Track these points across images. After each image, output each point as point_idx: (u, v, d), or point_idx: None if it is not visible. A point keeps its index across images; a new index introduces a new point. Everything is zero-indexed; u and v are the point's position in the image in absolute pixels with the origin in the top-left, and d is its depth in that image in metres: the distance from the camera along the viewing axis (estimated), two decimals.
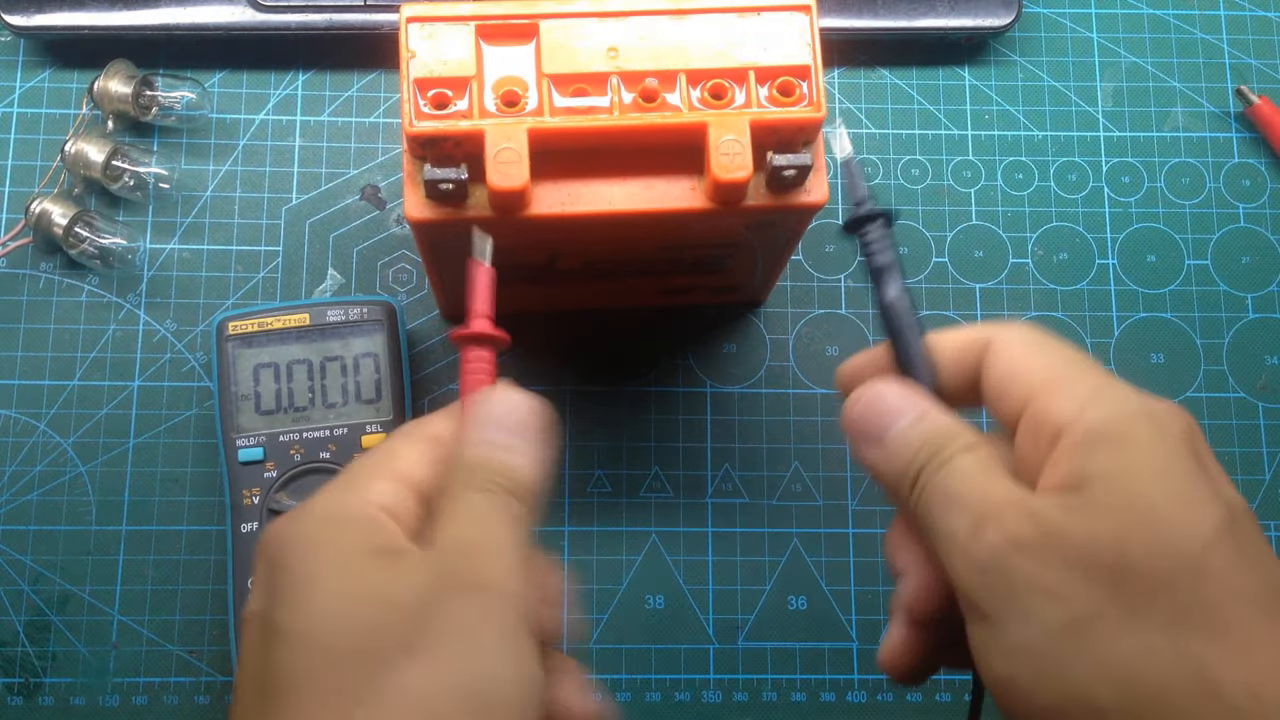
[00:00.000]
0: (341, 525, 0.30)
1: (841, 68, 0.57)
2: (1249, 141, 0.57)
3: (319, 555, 0.29)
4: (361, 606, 0.28)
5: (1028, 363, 0.32)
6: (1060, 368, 0.32)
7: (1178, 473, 0.29)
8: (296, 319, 0.48)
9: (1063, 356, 0.32)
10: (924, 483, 0.32)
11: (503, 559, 0.30)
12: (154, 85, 0.53)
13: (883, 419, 0.33)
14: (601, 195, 0.38)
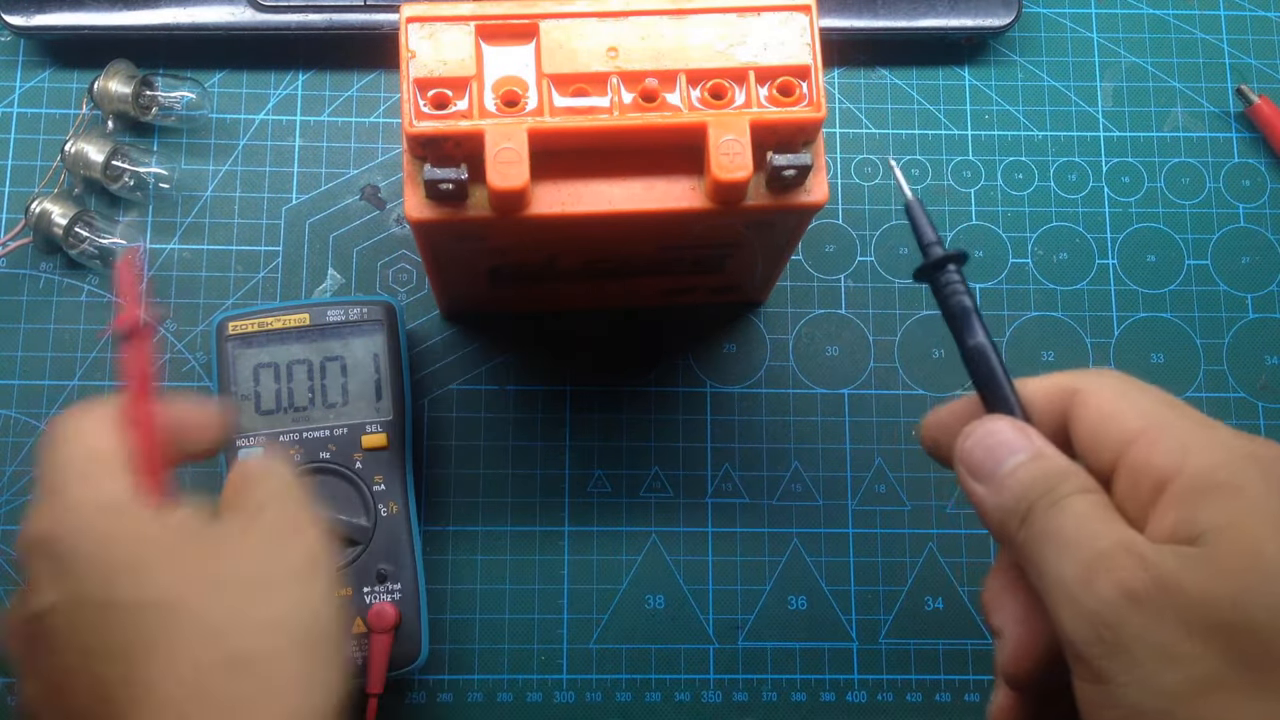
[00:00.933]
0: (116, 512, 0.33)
1: (841, 68, 0.57)
2: (1249, 141, 0.57)
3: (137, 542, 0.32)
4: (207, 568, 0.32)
5: (1120, 410, 0.31)
6: (1155, 413, 0.31)
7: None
8: (296, 319, 0.48)
9: (1156, 401, 0.31)
10: (1033, 522, 0.31)
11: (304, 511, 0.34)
12: (154, 85, 0.53)
13: (995, 454, 0.32)
14: (601, 195, 0.38)
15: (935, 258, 0.35)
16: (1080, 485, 0.31)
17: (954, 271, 0.35)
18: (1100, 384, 0.32)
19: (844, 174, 0.55)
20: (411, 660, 0.46)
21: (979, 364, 0.34)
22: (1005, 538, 0.32)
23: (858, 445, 0.53)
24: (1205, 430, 0.30)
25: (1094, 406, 0.32)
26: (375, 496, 0.47)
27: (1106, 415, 0.32)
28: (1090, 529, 0.30)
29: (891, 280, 0.54)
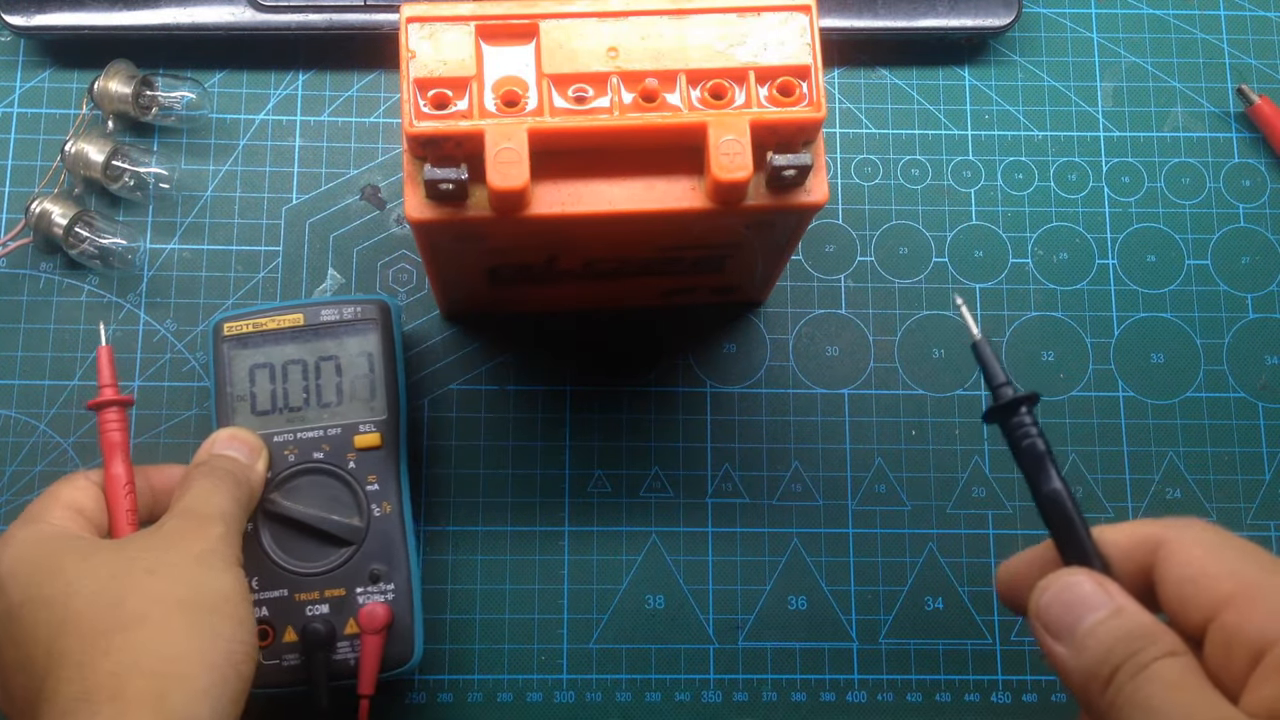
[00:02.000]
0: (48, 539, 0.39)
1: (841, 68, 0.57)
2: (1249, 141, 0.57)
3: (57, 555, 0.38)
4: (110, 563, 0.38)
5: (1210, 569, 0.30)
6: (1249, 574, 0.30)
7: None
8: (291, 319, 0.48)
9: (1249, 560, 0.30)
10: (1119, 687, 0.29)
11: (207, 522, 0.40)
12: (154, 85, 0.53)
13: (1074, 611, 0.31)
14: (601, 195, 0.38)
15: (1006, 399, 0.34)
16: (1168, 648, 0.29)
17: (1026, 414, 0.33)
18: (1188, 537, 0.31)
19: (844, 174, 0.55)
20: (404, 661, 0.46)
21: (1055, 511, 0.33)
22: (1088, 702, 0.31)
23: (858, 445, 0.53)
24: None
25: (1182, 563, 0.31)
26: (368, 496, 0.47)
27: (1196, 574, 0.30)
28: (1182, 701, 0.28)
29: (891, 280, 0.54)
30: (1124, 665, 0.29)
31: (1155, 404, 0.54)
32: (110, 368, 0.44)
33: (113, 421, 0.44)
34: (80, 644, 0.35)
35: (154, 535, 0.39)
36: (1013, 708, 0.50)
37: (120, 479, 0.43)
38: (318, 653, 0.45)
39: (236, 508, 0.42)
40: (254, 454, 0.46)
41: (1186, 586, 0.31)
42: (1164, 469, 0.53)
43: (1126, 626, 0.30)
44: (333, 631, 0.45)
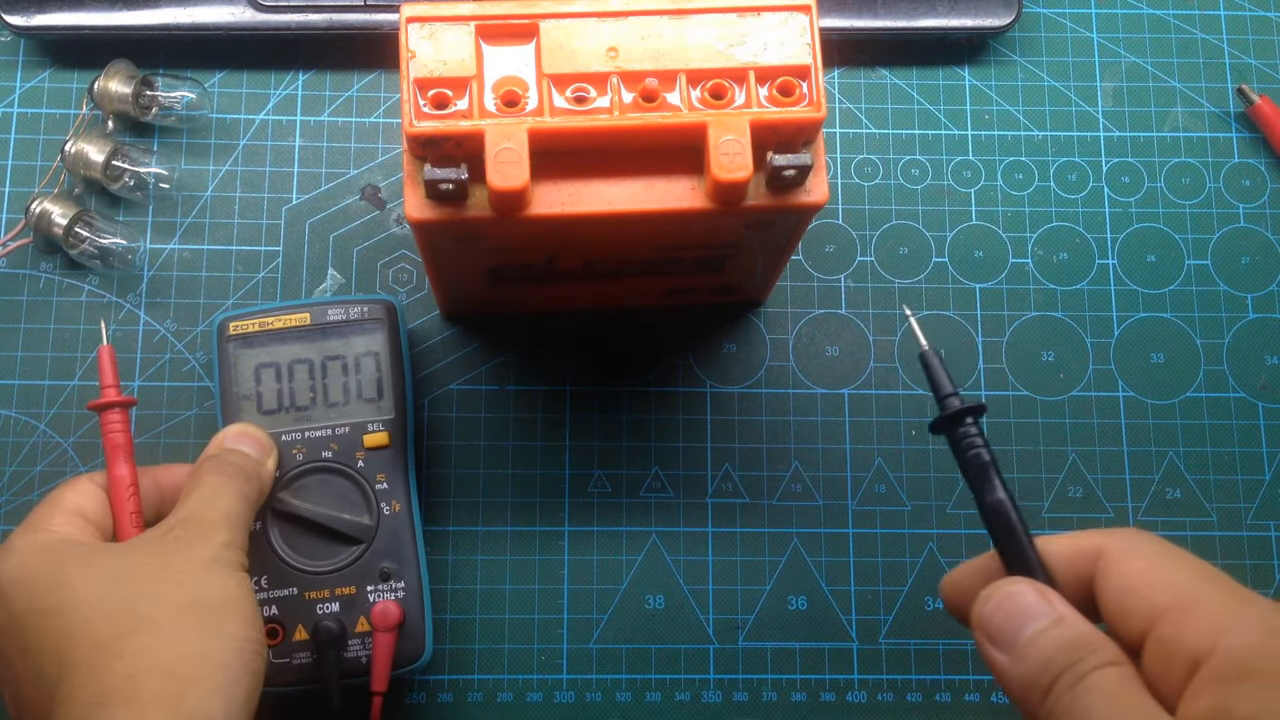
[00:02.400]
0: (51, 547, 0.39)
1: (841, 68, 0.57)
2: (1249, 141, 0.57)
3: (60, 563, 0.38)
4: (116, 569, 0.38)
5: (1150, 580, 0.30)
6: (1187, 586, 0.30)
7: None
8: (297, 318, 0.48)
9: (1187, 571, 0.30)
10: (1058, 696, 0.30)
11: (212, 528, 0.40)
12: (154, 85, 0.53)
13: (1016, 621, 0.31)
14: (601, 195, 0.38)
15: (952, 410, 0.34)
16: (1107, 658, 0.30)
17: (972, 424, 0.34)
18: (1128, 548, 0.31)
19: (844, 174, 0.55)
20: (415, 659, 0.46)
21: (998, 522, 0.33)
22: (1028, 711, 0.31)
23: (858, 445, 0.53)
24: (1241, 607, 0.29)
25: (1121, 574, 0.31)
26: (378, 495, 0.47)
27: (1136, 585, 0.31)
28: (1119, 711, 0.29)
29: (891, 280, 0.54)
30: (1063, 675, 0.30)
31: (1155, 404, 0.54)
32: (112, 368, 0.44)
33: (115, 423, 0.43)
34: (91, 650, 0.35)
35: (161, 540, 0.39)
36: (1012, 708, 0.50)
37: (124, 481, 0.43)
38: (330, 651, 0.45)
39: (245, 506, 0.42)
40: (264, 451, 0.46)
41: (1126, 597, 0.31)
42: (1164, 469, 0.53)
43: (1067, 636, 0.30)
44: (344, 629, 0.45)
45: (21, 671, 0.37)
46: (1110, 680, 0.29)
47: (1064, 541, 0.33)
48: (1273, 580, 0.52)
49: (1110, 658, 0.30)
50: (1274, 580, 0.52)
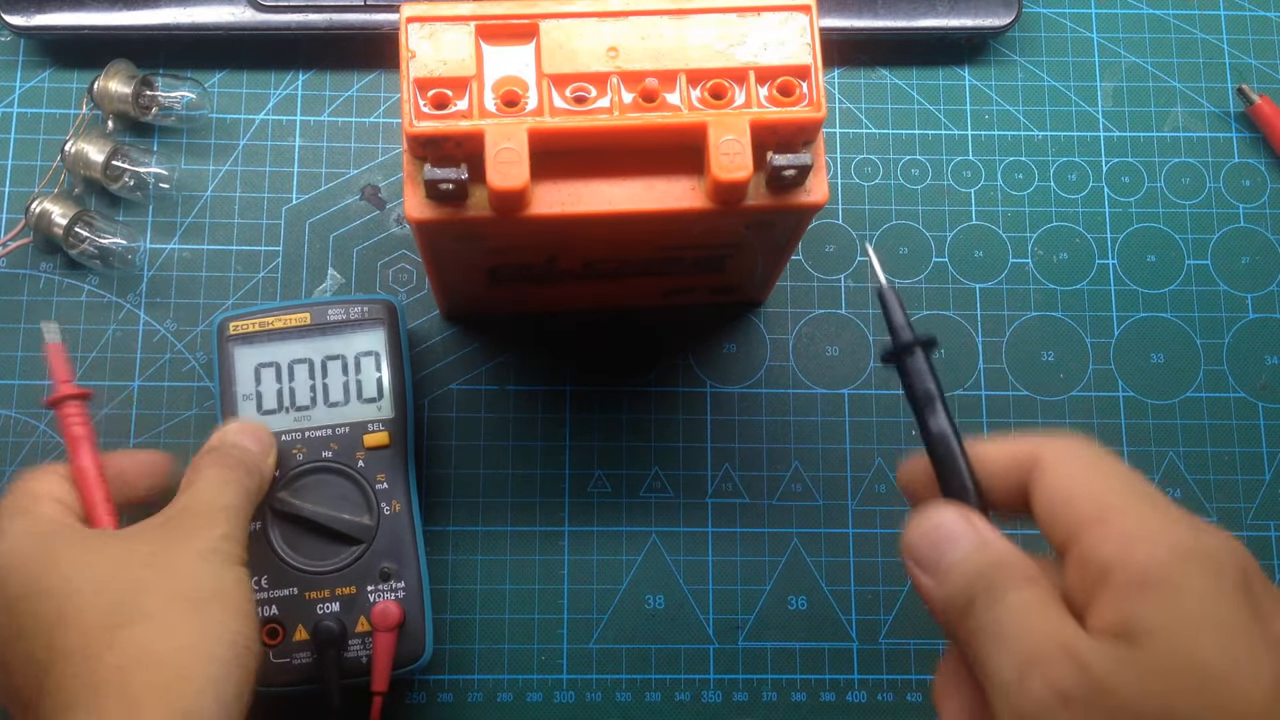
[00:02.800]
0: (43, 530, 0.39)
1: (841, 68, 0.57)
2: (1249, 141, 0.57)
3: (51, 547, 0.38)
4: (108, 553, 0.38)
5: (1076, 490, 0.31)
6: (1110, 498, 0.30)
7: (1231, 626, 0.28)
8: (297, 318, 0.48)
9: (1113, 482, 0.31)
10: (975, 616, 0.31)
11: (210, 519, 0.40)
12: (154, 85, 0.53)
13: (940, 547, 0.32)
14: (601, 195, 0.38)
15: (903, 342, 0.35)
16: (1021, 577, 0.31)
17: (922, 357, 0.35)
18: (1061, 456, 0.32)
19: (844, 174, 0.55)
20: (416, 659, 0.46)
21: (940, 449, 0.34)
22: (950, 632, 0.32)
23: (858, 445, 0.53)
24: (1156, 520, 0.30)
25: (1051, 484, 0.32)
26: (378, 495, 0.47)
27: (1063, 494, 0.31)
28: (1028, 625, 0.29)
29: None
30: (980, 595, 0.31)
31: (1155, 404, 0.54)
32: (63, 364, 0.44)
33: (74, 415, 0.43)
34: (83, 638, 0.35)
35: (158, 530, 0.39)
36: None
37: (89, 471, 0.42)
38: (330, 651, 0.45)
39: (245, 500, 0.42)
40: (265, 446, 0.46)
41: (1055, 507, 0.31)
42: (1164, 469, 0.53)
43: (987, 558, 0.31)
44: (344, 629, 0.45)
45: (11, 658, 0.37)
46: (1022, 597, 0.30)
47: (1003, 447, 0.34)
48: (1273, 580, 0.52)
49: (1026, 577, 0.31)
50: (1274, 580, 0.52)
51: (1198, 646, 0.28)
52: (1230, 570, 0.29)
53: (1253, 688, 0.27)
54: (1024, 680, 0.29)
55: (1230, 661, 0.27)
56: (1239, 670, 0.27)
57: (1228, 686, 0.27)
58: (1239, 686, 0.27)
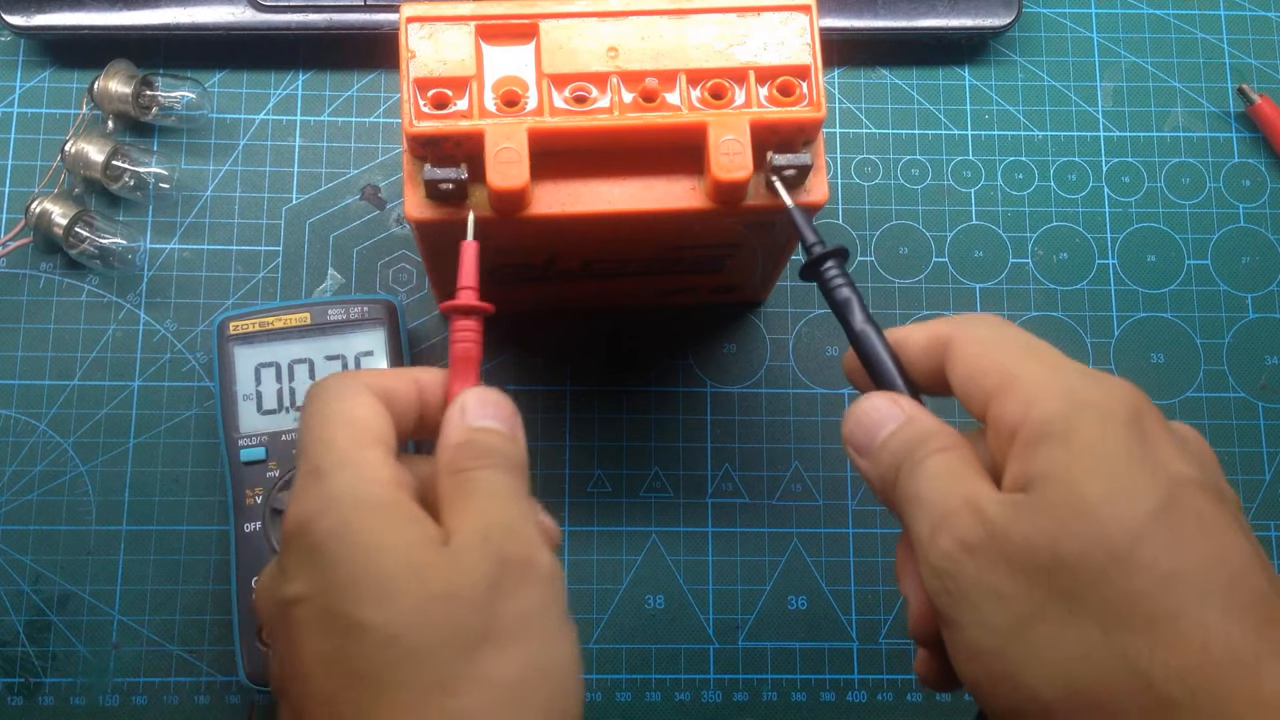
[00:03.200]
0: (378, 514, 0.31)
1: (841, 68, 0.57)
2: (1249, 141, 0.57)
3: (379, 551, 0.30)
4: (439, 605, 0.30)
5: (983, 364, 0.33)
6: (1013, 364, 0.32)
7: (1115, 462, 0.29)
8: (297, 318, 0.48)
9: (1014, 350, 0.32)
10: (900, 484, 0.32)
11: (535, 538, 0.32)
12: (154, 85, 0.53)
13: (872, 430, 0.34)
14: (601, 195, 0.38)
15: (816, 255, 0.37)
16: (940, 445, 0.32)
17: (833, 266, 0.36)
18: (970, 335, 0.33)
19: (844, 174, 0.55)
20: None
21: (865, 347, 0.36)
22: (886, 504, 0.33)
23: None
24: (1052, 377, 0.31)
25: (962, 361, 0.33)
26: None
27: (973, 370, 0.33)
28: (940, 486, 0.31)
29: (891, 280, 0.54)
30: (903, 465, 0.32)
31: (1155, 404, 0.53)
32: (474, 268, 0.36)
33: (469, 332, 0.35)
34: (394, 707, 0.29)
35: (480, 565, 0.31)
36: None
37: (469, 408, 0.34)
38: None
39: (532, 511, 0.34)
40: (515, 422, 0.35)
41: (968, 382, 0.33)
42: None
43: (911, 432, 0.33)
44: None
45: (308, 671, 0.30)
46: (939, 462, 0.32)
47: (919, 332, 0.35)
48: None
49: (942, 445, 0.32)
50: None
51: (1082, 484, 0.29)
52: (1120, 411, 0.30)
53: (1130, 516, 0.28)
54: (934, 535, 0.31)
55: (1110, 494, 0.29)
56: (1118, 502, 0.29)
57: (1107, 517, 0.28)
58: (1117, 515, 0.28)
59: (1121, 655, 0.28)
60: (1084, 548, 0.28)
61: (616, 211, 0.38)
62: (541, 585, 0.32)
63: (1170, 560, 0.28)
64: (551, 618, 0.32)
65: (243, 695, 0.49)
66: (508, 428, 0.34)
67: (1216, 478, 0.31)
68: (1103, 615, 0.28)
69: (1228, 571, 0.28)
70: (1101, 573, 0.28)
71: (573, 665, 0.32)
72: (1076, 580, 0.28)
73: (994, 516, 0.30)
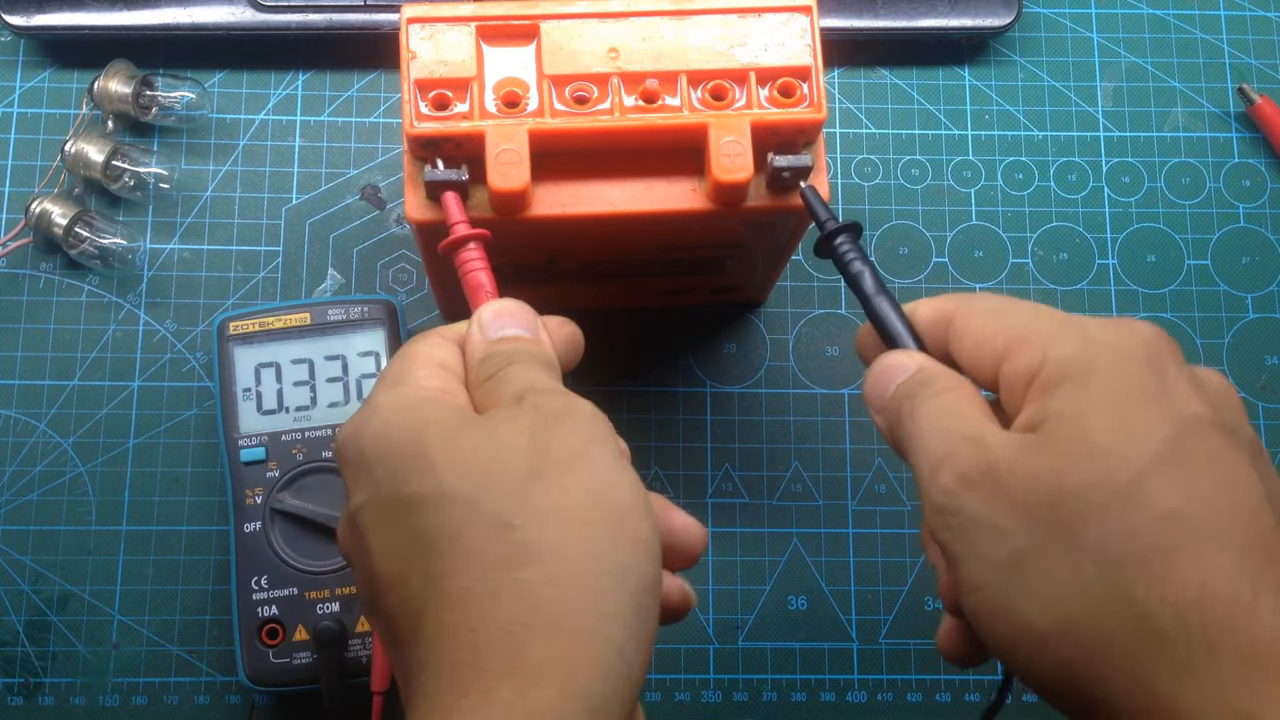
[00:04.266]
0: (417, 407, 0.32)
1: (841, 68, 0.57)
2: (1249, 141, 0.57)
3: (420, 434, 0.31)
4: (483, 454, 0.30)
5: (990, 330, 0.33)
6: (1021, 324, 0.32)
7: (1127, 400, 0.29)
8: (297, 318, 0.48)
9: (1022, 313, 0.33)
10: (903, 425, 0.33)
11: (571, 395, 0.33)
12: (154, 85, 0.53)
13: (883, 383, 0.34)
14: (602, 196, 0.38)
15: (829, 230, 0.37)
16: (943, 386, 0.32)
17: (846, 241, 0.37)
18: (973, 308, 0.34)
19: (844, 174, 0.55)
20: None
21: (880, 314, 0.36)
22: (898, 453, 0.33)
23: (858, 445, 0.53)
24: (1066, 326, 0.31)
25: (967, 332, 0.33)
26: None
27: (980, 339, 0.33)
28: (941, 425, 0.31)
29: (891, 280, 0.54)
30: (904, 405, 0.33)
31: None
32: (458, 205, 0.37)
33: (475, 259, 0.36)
34: (456, 574, 0.29)
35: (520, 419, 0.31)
36: (1012, 707, 0.50)
37: None
38: (329, 650, 0.45)
39: None
40: (535, 324, 0.35)
41: (975, 352, 0.33)
42: None
43: (918, 378, 0.33)
44: (344, 629, 0.45)
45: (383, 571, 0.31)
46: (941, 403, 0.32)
47: (924, 308, 0.35)
48: None
49: (949, 385, 0.32)
50: None
51: (1091, 422, 0.29)
52: (1138, 350, 0.30)
53: (1136, 453, 0.28)
54: (935, 472, 0.31)
55: (1118, 432, 0.29)
56: (1124, 439, 0.29)
57: (1113, 454, 0.29)
58: (1122, 453, 0.28)
59: (1117, 589, 0.28)
60: (1086, 484, 0.28)
61: (617, 213, 0.38)
62: (585, 423, 0.32)
63: (1172, 498, 0.28)
64: (601, 450, 0.31)
65: (243, 695, 0.49)
66: (529, 330, 0.35)
67: (1235, 419, 0.31)
68: (1101, 551, 0.28)
69: (1233, 511, 0.28)
70: (1102, 509, 0.28)
71: (634, 490, 0.31)
72: (1077, 516, 0.28)
73: (997, 452, 0.30)
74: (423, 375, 0.33)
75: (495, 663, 0.28)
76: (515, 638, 0.28)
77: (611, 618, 0.29)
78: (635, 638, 0.29)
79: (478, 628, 0.28)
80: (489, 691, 0.27)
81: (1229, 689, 0.27)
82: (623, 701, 0.28)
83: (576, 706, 0.27)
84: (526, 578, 0.28)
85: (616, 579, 0.29)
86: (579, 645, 0.28)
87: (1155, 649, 0.27)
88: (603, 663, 0.28)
